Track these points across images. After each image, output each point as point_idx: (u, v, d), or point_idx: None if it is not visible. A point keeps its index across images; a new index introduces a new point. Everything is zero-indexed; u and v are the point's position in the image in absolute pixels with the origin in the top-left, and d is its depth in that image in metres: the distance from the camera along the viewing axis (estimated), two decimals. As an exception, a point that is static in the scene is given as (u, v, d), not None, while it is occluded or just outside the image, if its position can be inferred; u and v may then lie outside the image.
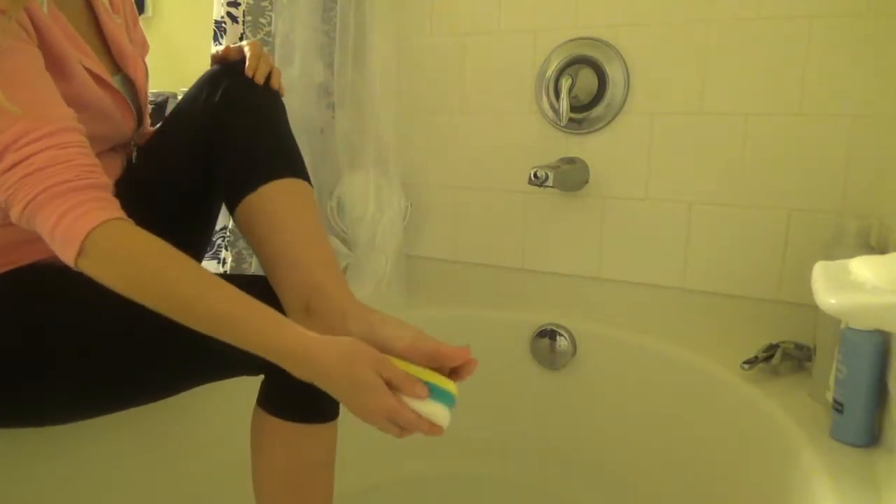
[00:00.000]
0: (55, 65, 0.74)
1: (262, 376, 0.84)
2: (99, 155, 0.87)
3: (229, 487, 0.98)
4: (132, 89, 0.92)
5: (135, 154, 0.97)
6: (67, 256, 0.65)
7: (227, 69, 0.91)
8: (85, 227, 0.64)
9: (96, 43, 0.87)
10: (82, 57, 0.79)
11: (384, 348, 0.73)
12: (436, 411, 0.71)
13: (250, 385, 0.85)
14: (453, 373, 0.74)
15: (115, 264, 0.66)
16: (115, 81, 0.86)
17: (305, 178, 0.88)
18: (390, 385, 0.69)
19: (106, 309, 0.72)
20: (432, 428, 0.70)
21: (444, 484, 1.40)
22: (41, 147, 0.65)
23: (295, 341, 0.68)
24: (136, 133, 0.94)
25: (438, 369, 0.73)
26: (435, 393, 0.71)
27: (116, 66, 0.90)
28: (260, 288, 0.81)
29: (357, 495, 1.28)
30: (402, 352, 0.73)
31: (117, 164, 0.92)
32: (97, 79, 0.81)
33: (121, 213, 0.68)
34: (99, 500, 0.91)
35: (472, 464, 1.42)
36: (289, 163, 0.87)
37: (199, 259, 1.05)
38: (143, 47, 1.03)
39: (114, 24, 0.90)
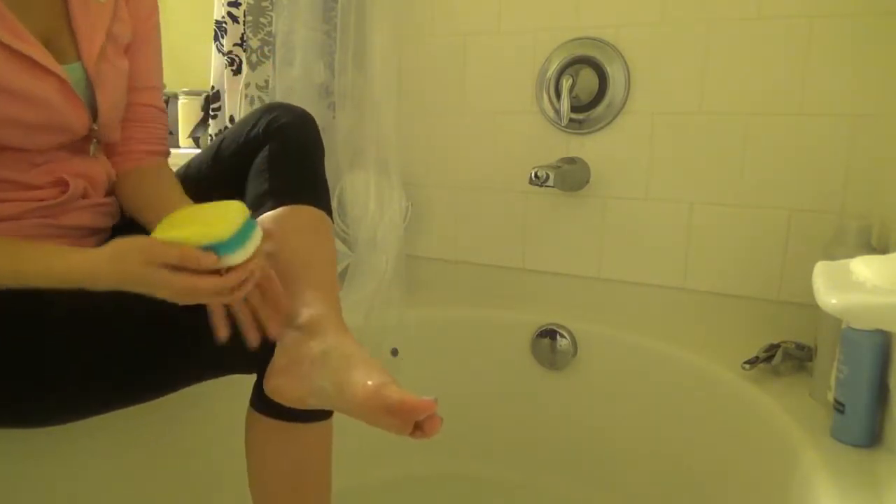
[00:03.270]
0: None
1: (254, 376, 0.84)
2: (51, 151, 0.83)
3: (227, 487, 0.98)
4: (88, 81, 0.85)
5: (93, 147, 0.90)
6: None
7: (274, 105, 0.93)
8: None
9: (57, 25, 0.83)
10: (14, 40, 0.75)
11: (343, 385, 0.70)
12: (234, 259, 0.69)
13: (246, 384, 0.85)
14: (417, 428, 0.68)
15: None
16: (65, 70, 0.81)
17: (328, 212, 0.88)
18: (175, 268, 0.68)
19: (95, 308, 0.72)
20: (242, 271, 0.69)
21: (443, 484, 1.40)
22: None
23: (64, 264, 0.69)
24: (92, 128, 0.87)
25: (402, 423, 0.67)
26: (221, 248, 0.69)
27: (78, 54, 0.84)
28: None
29: (355, 494, 1.28)
30: (363, 398, 0.68)
31: (75, 162, 0.87)
32: (31, 63, 0.76)
33: None
34: (98, 500, 0.91)
35: (472, 464, 1.42)
36: (314, 194, 0.88)
37: None
38: (146, 42, 0.95)
39: (85, 10, 0.85)
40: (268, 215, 0.84)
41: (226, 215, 0.72)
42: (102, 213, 0.91)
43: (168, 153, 1.01)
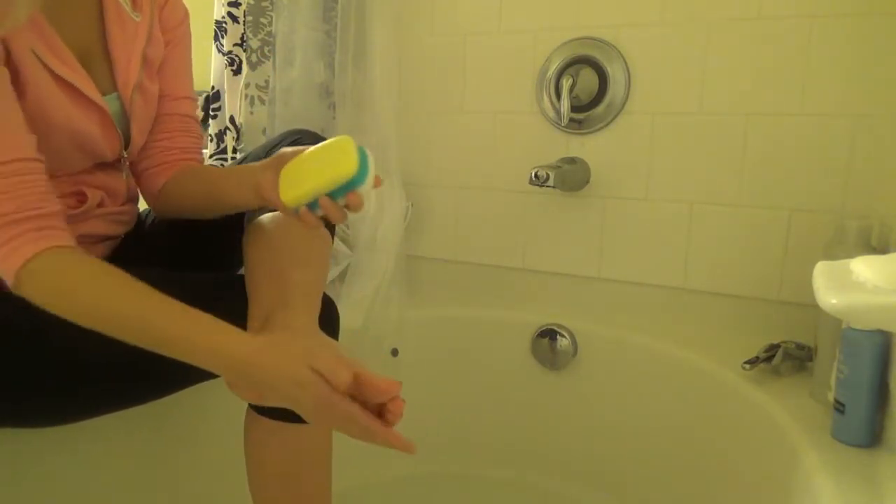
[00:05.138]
0: (19, 77, 0.70)
1: None
2: (87, 171, 0.84)
3: (228, 488, 0.98)
4: (124, 111, 0.86)
5: (126, 173, 0.92)
6: (10, 288, 0.67)
7: (297, 130, 0.95)
8: (18, 261, 0.65)
9: (94, 46, 0.83)
10: (61, 67, 0.75)
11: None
12: (369, 184, 0.70)
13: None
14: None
15: (51, 296, 0.66)
16: (106, 100, 0.82)
17: (331, 231, 0.89)
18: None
19: None
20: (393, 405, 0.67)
21: (443, 484, 1.40)
22: None
23: (233, 353, 0.67)
24: (122, 155, 0.89)
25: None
26: (356, 181, 0.69)
27: (114, 84, 0.85)
28: (238, 289, 0.81)
29: (355, 494, 1.28)
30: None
31: (96, 176, 0.88)
32: (74, 92, 0.77)
33: (62, 241, 0.68)
34: (99, 500, 0.91)
35: (472, 463, 1.42)
36: None
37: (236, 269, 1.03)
38: (178, 50, 0.96)
39: (122, 30, 0.85)
40: (275, 213, 0.84)
41: (338, 150, 0.71)
42: (117, 221, 0.91)
43: (202, 162, 1.00)
